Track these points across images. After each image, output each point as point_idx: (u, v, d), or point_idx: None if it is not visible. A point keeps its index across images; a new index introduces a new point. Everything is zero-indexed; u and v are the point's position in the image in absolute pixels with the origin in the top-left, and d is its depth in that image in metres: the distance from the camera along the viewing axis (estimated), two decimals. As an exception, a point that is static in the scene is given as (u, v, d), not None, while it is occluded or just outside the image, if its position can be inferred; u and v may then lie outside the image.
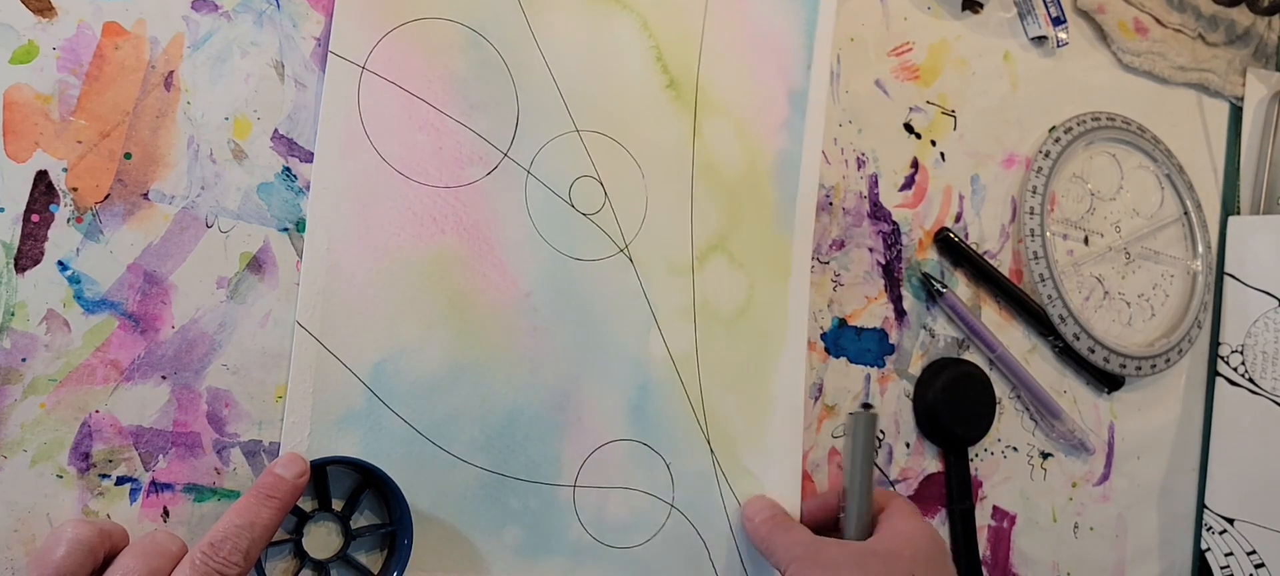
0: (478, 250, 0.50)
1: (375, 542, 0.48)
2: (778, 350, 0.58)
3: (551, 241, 0.52)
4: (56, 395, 0.42)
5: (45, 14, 0.43)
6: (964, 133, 0.68)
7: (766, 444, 0.57)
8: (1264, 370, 0.74)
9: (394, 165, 0.49)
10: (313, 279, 0.47)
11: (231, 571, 0.39)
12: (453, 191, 0.50)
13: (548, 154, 0.52)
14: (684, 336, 0.55)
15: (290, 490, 0.43)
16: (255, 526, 0.41)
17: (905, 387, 0.64)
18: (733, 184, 0.57)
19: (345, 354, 0.47)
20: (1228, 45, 0.80)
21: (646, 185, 0.55)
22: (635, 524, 0.53)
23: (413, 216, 0.49)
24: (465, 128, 0.50)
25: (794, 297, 0.59)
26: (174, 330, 0.45)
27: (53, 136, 0.43)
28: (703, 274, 0.56)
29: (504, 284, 0.51)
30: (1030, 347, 0.69)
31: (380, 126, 0.48)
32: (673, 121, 0.56)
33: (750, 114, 0.58)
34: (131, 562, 0.39)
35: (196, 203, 0.45)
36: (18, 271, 0.42)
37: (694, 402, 0.55)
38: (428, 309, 0.49)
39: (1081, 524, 0.71)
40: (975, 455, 0.67)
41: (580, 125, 0.53)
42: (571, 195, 0.53)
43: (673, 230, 0.55)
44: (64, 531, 0.39)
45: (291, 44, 0.48)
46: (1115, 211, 0.74)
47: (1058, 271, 0.69)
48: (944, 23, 0.67)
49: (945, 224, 0.66)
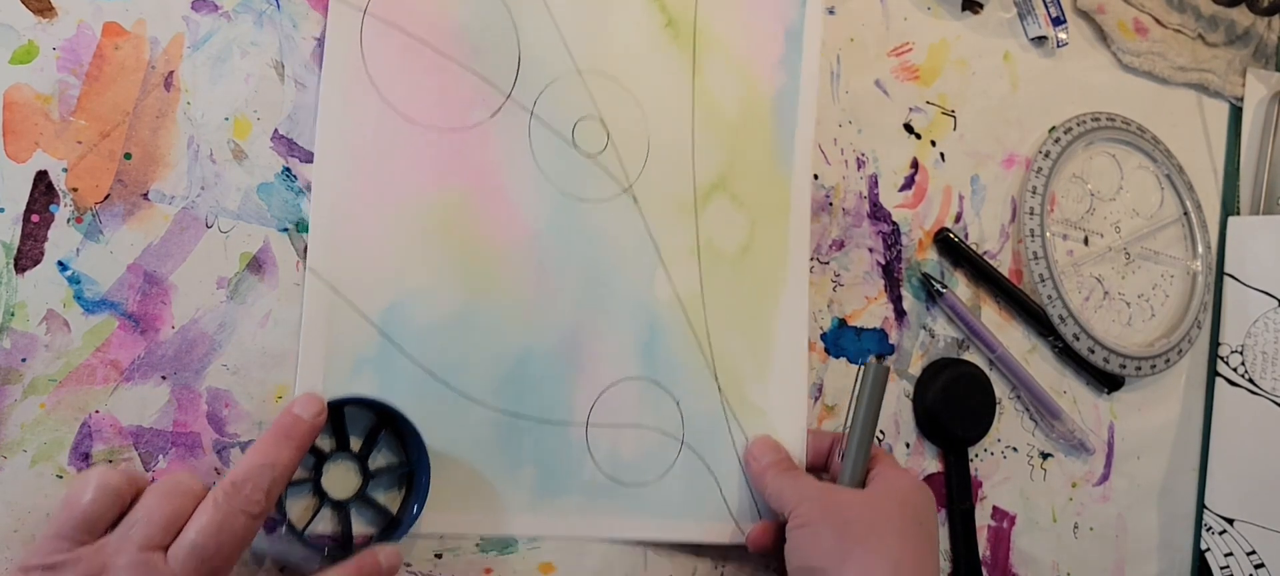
0: (484, 192, 0.51)
1: (393, 482, 0.48)
2: (779, 288, 0.58)
3: (556, 182, 0.53)
4: (56, 395, 0.42)
5: (45, 14, 0.43)
6: (964, 133, 0.68)
7: (772, 380, 0.58)
8: (1264, 370, 0.74)
9: (398, 109, 0.49)
10: (321, 224, 0.47)
11: (254, 509, 0.40)
12: (457, 134, 0.50)
13: (550, 95, 0.53)
14: (689, 276, 0.56)
15: (308, 430, 0.43)
16: (276, 466, 0.41)
17: (905, 388, 0.64)
18: (732, 123, 0.58)
19: (356, 298, 0.48)
20: (1228, 45, 0.80)
21: (648, 125, 0.55)
22: (648, 461, 0.54)
23: (419, 160, 0.49)
24: (468, 70, 0.51)
25: (794, 236, 0.59)
26: (174, 330, 0.45)
27: (53, 136, 0.43)
28: (705, 214, 0.56)
29: (511, 225, 0.51)
30: (1030, 348, 0.69)
31: (383, 70, 0.49)
32: (672, 60, 0.56)
33: (747, 52, 0.58)
34: (154, 502, 0.40)
35: (196, 203, 0.45)
36: (18, 271, 0.42)
37: (701, 341, 0.56)
38: (436, 252, 0.49)
39: (1081, 524, 0.71)
40: (975, 455, 0.67)
41: (581, 66, 0.54)
42: (574, 136, 0.53)
43: (675, 170, 0.56)
44: (91, 477, 0.40)
45: (291, 44, 0.48)
46: (1115, 212, 0.74)
47: (1058, 271, 0.69)
48: (944, 23, 0.67)
49: (945, 224, 0.66)
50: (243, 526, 0.40)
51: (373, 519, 0.48)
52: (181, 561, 0.38)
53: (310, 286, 0.47)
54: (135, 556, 0.38)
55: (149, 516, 0.39)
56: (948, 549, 0.65)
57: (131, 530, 0.39)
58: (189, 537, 0.39)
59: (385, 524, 0.48)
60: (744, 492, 0.56)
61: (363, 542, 0.47)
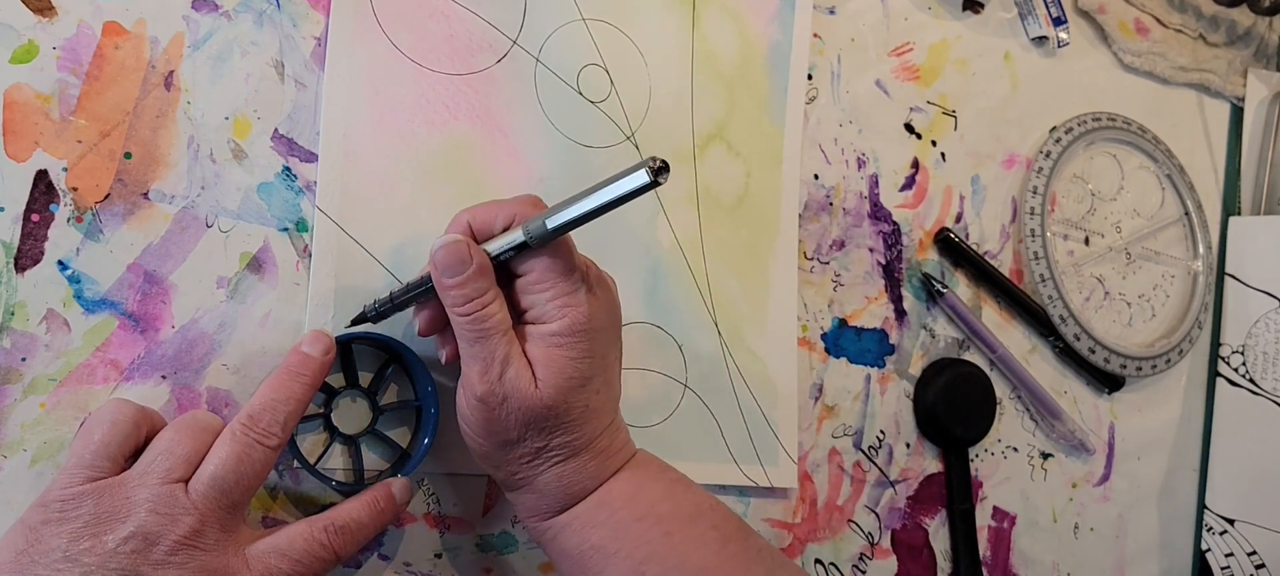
0: (491, 136, 0.52)
1: (402, 418, 0.49)
2: (773, 236, 0.60)
3: (562, 128, 0.53)
4: (56, 395, 0.42)
5: (45, 14, 0.43)
6: (964, 133, 0.68)
7: (768, 326, 0.59)
8: (1264, 370, 0.74)
9: (406, 53, 0.50)
10: (330, 165, 0.48)
11: (271, 442, 0.41)
12: (464, 78, 0.51)
13: (555, 42, 0.54)
14: (689, 222, 0.57)
15: (319, 366, 0.44)
16: (291, 400, 0.42)
17: (905, 388, 0.64)
18: (729, 74, 0.59)
19: (365, 238, 0.48)
20: (1228, 46, 0.80)
21: (650, 74, 0.56)
22: (652, 403, 0.55)
23: (426, 103, 0.50)
24: (475, 15, 0.52)
25: (786, 186, 0.60)
26: (174, 330, 0.45)
27: (53, 136, 0.43)
28: (704, 162, 0.58)
29: (517, 170, 0.52)
30: (1030, 348, 0.69)
31: (391, 14, 0.49)
32: (673, 12, 0.57)
33: (744, 6, 0.60)
34: (174, 436, 0.40)
35: (196, 202, 0.45)
36: (18, 271, 0.42)
37: (701, 287, 0.57)
38: (444, 194, 0.50)
39: (1082, 524, 0.71)
40: (975, 455, 0.67)
41: (585, 13, 0.55)
42: (579, 83, 0.54)
43: (675, 119, 0.57)
44: (105, 411, 0.40)
45: (291, 44, 0.48)
46: (1116, 212, 0.74)
47: (1058, 272, 0.69)
48: (944, 23, 0.67)
49: (945, 224, 0.66)
50: (261, 458, 0.41)
51: (384, 453, 0.49)
52: (202, 493, 0.39)
53: (319, 225, 0.47)
54: (157, 489, 0.38)
55: (170, 449, 0.40)
56: (948, 549, 0.65)
57: (153, 463, 0.39)
58: (209, 470, 0.39)
59: (396, 458, 0.49)
60: (744, 435, 0.58)
61: (374, 476, 0.48)
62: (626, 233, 0.55)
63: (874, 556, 0.63)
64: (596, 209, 0.41)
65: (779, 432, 0.59)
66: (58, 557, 0.37)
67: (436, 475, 0.50)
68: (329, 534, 0.42)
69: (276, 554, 0.40)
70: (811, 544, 0.60)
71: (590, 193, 0.41)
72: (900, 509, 0.64)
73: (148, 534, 0.37)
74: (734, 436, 0.57)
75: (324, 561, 0.42)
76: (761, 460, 0.58)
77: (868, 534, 0.62)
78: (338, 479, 0.47)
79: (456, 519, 0.51)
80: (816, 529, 0.61)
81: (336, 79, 0.48)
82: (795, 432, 0.59)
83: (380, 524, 0.44)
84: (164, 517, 0.38)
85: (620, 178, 0.40)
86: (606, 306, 0.46)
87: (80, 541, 0.37)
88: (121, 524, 0.37)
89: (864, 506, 0.62)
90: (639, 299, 0.55)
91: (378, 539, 0.49)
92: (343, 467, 0.47)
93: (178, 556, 0.38)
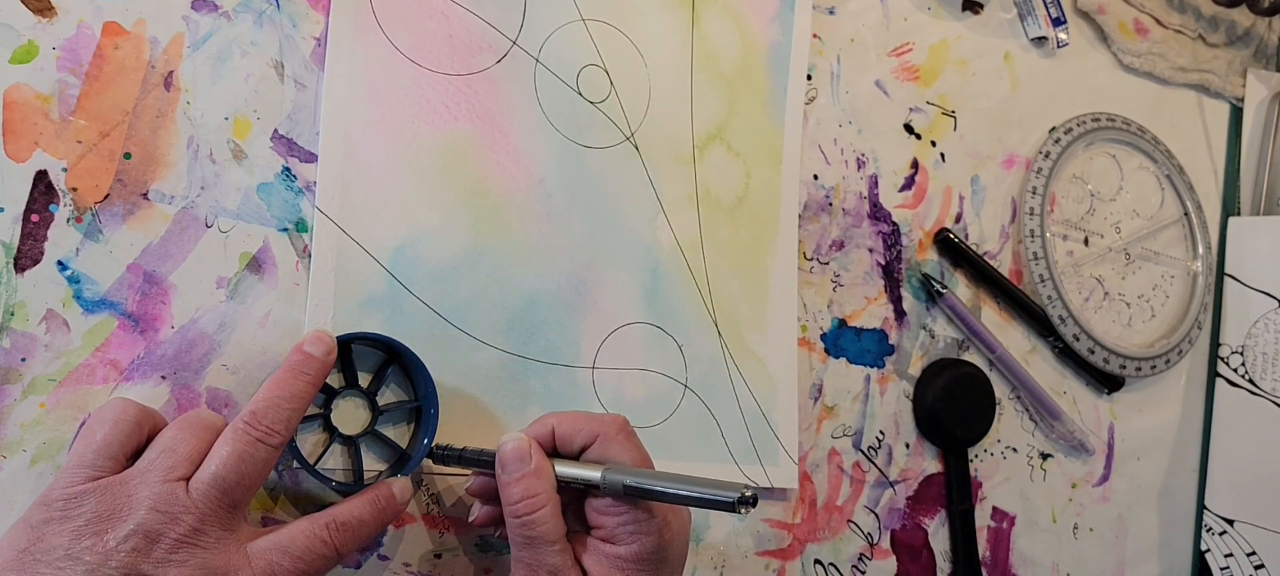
0: (491, 137, 0.52)
1: (402, 418, 0.49)
2: (772, 237, 0.60)
3: (561, 129, 0.54)
4: (56, 395, 0.42)
5: (45, 14, 0.43)
6: (964, 133, 0.68)
7: (768, 326, 0.59)
8: (1264, 371, 0.74)
9: (406, 53, 0.50)
10: (330, 165, 0.48)
11: (273, 440, 0.41)
12: (464, 79, 0.51)
13: (555, 42, 0.54)
14: (689, 223, 0.57)
15: (320, 366, 0.44)
16: (294, 399, 0.42)
17: (905, 388, 0.64)
18: (729, 75, 0.59)
19: (365, 239, 0.48)
20: (1228, 46, 0.80)
21: (649, 75, 0.56)
22: (653, 404, 0.55)
23: (426, 104, 0.50)
24: (474, 16, 0.52)
25: (786, 186, 0.60)
26: (174, 330, 0.45)
27: (53, 136, 0.43)
28: (704, 163, 0.58)
29: (517, 170, 0.52)
30: (1030, 348, 0.69)
31: (391, 15, 0.50)
32: (673, 10, 0.57)
33: (744, 7, 0.60)
34: (176, 434, 0.40)
35: (196, 203, 0.45)
36: (17, 271, 0.42)
37: (701, 287, 0.57)
38: (444, 195, 0.50)
39: (1081, 524, 0.71)
40: (975, 456, 0.67)
41: (585, 13, 0.55)
42: (579, 83, 0.54)
43: (675, 119, 0.57)
44: (107, 410, 0.40)
45: (291, 44, 0.48)
46: (1115, 212, 0.74)
47: (1058, 272, 0.69)
48: (944, 23, 0.67)
49: (945, 224, 0.66)
50: (263, 456, 0.41)
51: (383, 454, 0.48)
52: (203, 492, 0.39)
53: (319, 226, 0.47)
54: (158, 487, 0.38)
55: (172, 448, 0.40)
56: (947, 549, 0.65)
57: (154, 461, 0.39)
58: (210, 469, 0.40)
59: (395, 458, 0.49)
60: (744, 436, 0.58)
61: (374, 477, 0.48)
62: (627, 233, 0.55)
63: (873, 557, 0.63)
64: (677, 497, 0.41)
65: (779, 433, 0.59)
66: (59, 555, 0.37)
67: (436, 475, 0.50)
68: (330, 530, 0.42)
69: (277, 551, 0.40)
70: (811, 544, 0.60)
71: (678, 480, 0.41)
72: (900, 509, 0.64)
73: (149, 532, 0.37)
74: (734, 436, 0.57)
75: (325, 558, 0.42)
76: (761, 460, 0.58)
77: (867, 534, 0.62)
78: (337, 479, 0.47)
79: (456, 519, 0.51)
80: (816, 529, 0.61)
81: (336, 79, 0.48)
82: (795, 433, 0.59)
83: (381, 522, 0.44)
84: (165, 516, 0.38)
85: (711, 486, 0.40)
86: (681, 539, 0.45)
87: (82, 539, 0.37)
88: (123, 522, 0.37)
89: (863, 507, 0.62)
90: (638, 299, 0.55)
91: (377, 539, 0.49)
92: (342, 468, 0.47)
93: (179, 554, 0.38)
